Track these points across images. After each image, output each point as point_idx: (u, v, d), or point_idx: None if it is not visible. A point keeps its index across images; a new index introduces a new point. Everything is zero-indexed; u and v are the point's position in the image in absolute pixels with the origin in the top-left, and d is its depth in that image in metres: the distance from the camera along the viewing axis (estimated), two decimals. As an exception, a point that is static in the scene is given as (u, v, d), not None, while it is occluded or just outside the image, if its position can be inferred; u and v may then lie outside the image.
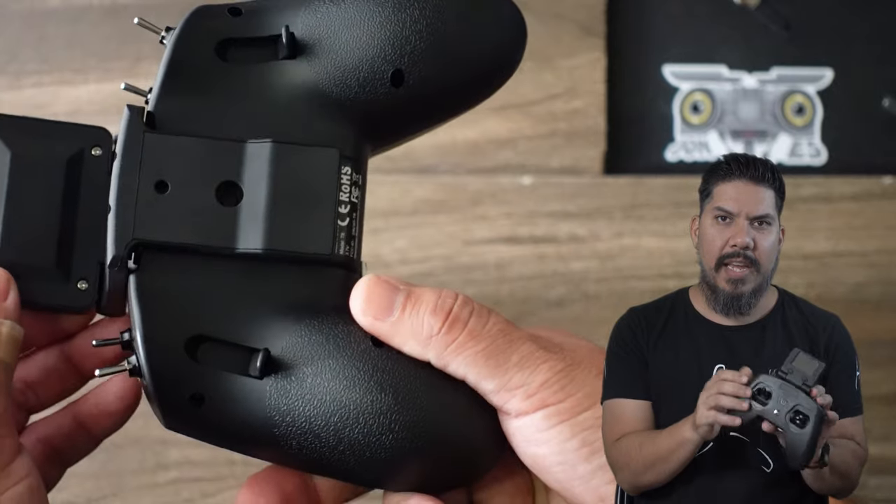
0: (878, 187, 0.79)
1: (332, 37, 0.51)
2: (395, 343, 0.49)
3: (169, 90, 0.51)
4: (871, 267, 0.77)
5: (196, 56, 0.52)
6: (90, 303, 0.52)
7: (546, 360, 0.48)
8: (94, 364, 0.54)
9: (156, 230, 0.49)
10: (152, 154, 0.50)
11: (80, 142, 0.54)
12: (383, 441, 0.48)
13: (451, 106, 0.55)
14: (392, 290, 0.49)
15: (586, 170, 0.79)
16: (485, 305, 0.49)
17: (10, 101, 0.82)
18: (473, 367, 0.48)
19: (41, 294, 0.52)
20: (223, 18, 0.52)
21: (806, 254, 0.78)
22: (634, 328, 0.47)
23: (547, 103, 0.80)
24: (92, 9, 0.83)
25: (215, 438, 0.51)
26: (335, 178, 0.51)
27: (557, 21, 0.81)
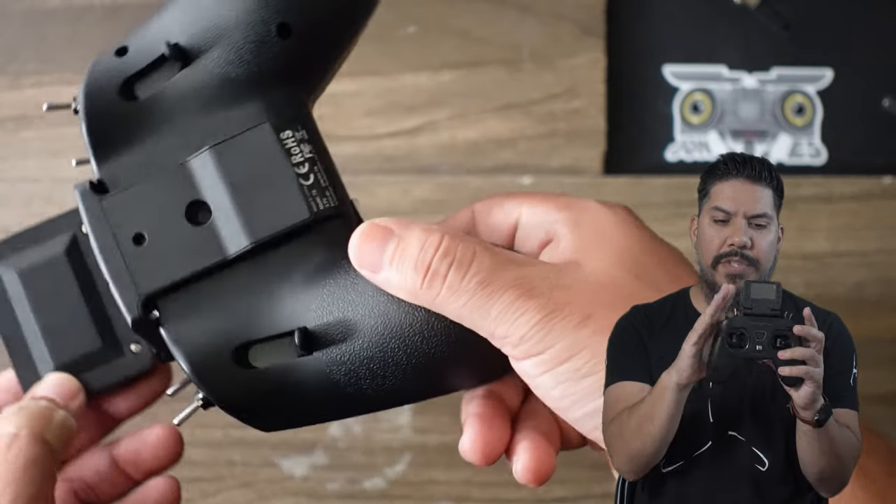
0: (878, 187, 0.79)
1: (210, 26, 0.53)
2: (393, 293, 0.49)
3: (101, 154, 0.53)
4: (871, 267, 0.77)
5: (107, 110, 0.53)
6: (150, 359, 0.56)
7: (524, 312, 0.47)
8: (141, 468, 0.56)
9: (154, 278, 0.50)
10: (116, 216, 0.51)
11: (67, 229, 0.59)
12: (426, 350, 0.50)
13: (339, 33, 0.56)
14: (382, 242, 0.48)
15: (586, 170, 0.79)
16: (470, 247, 0.48)
17: (10, 101, 0.82)
18: (459, 319, 0.48)
19: (106, 375, 0.56)
20: (113, 62, 0.54)
21: (806, 254, 0.78)
22: (636, 323, 0.47)
23: (547, 103, 0.80)
24: (92, 9, 0.83)
25: (305, 419, 0.53)
26: (279, 148, 0.52)
27: (557, 21, 0.81)
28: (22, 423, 0.49)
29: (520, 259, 0.49)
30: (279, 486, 0.79)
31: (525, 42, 0.81)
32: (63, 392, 0.53)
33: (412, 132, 0.80)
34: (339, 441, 0.79)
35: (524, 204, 0.54)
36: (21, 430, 0.49)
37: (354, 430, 0.78)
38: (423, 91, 0.81)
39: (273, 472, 0.79)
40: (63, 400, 0.53)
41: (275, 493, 0.79)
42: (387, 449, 0.78)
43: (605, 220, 0.52)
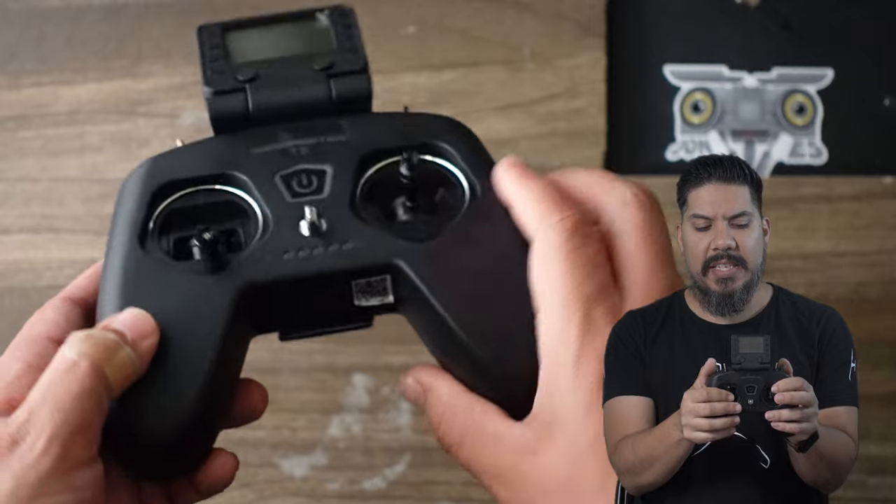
0: (878, 187, 0.78)
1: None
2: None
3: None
4: (872, 267, 0.77)
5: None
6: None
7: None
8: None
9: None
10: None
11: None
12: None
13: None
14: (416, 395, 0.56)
15: (586, 169, 0.79)
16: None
17: (9, 100, 0.82)
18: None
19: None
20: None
21: (806, 253, 0.78)
22: (632, 329, 0.47)
23: (547, 103, 0.80)
24: (92, 8, 0.83)
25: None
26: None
27: (558, 21, 0.81)
28: (84, 352, 0.49)
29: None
30: (279, 486, 0.79)
31: (525, 41, 0.81)
32: (135, 329, 0.51)
33: (412, 132, 0.80)
34: (338, 441, 0.78)
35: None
36: (81, 360, 0.48)
37: (354, 431, 0.78)
38: (424, 90, 0.80)
39: (273, 472, 0.79)
40: (133, 337, 0.51)
41: (274, 494, 0.78)
42: (387, 449, 0.78)
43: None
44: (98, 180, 0.81)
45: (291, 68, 0.58)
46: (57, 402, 0.47)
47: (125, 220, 0.55)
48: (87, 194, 0.81)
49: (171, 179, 0.56)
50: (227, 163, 0.56)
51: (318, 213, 0.53)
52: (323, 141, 0.56)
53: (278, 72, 0.58)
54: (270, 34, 0.60)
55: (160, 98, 0.82)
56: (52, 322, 0.53)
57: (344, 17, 0.60)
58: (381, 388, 0.79)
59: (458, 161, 0.57)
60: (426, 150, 0.57)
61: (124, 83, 0.82)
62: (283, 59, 0.59)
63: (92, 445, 0.48)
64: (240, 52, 0.59)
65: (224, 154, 0.56)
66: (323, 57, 0.58)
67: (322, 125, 0.57)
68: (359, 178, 0.56)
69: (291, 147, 0.56)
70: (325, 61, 0.58)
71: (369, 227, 0.54)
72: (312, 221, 0.53)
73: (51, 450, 0.46)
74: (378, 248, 0.53)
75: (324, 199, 0.54)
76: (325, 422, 0.79)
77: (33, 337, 0.52)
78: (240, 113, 0.57)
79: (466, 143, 0.58)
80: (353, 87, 0.57)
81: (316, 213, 0.53)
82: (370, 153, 0.56)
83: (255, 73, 0.57)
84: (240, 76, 0.57)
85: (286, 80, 0.57)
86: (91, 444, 0.48)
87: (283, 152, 0.56)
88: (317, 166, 0.56)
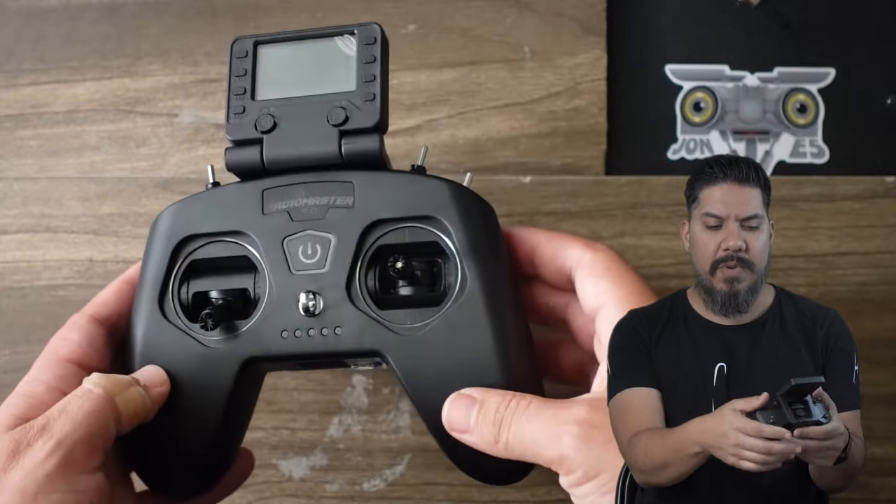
0: (880, 186, 0.78)
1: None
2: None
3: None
4: (874, 266, 0.77)
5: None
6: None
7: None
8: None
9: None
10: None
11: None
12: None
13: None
14: (467, 409, 0.58)
15: (587, 169, 0.79)
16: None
17: (8, 100, 0.82)
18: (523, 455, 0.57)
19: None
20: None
21: (808, 253, 0.78)
22: (637, 325, 0.47)
23: (548, 102, 0.80)
24: (90, 7, 0.83)
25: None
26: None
27: (558, 20, 0.80)
28: (100, 384, 0.58)
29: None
30: (278, 487, 0.78)
31: (526, 40, 0.80)
32: (148, 377, 0.61)
33: (412, 131, 0.80)
34: (338, 442, 0.78)
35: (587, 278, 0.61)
36: (96, 388, 0.58)
37: (354, 432, 0.78)
38: (424, 90, 0.80)
39: (272, 473, 0.78)
40: (145, 382, 0.60)
41: (274, 495, 0.78)
42: (386, 450, 0.78)
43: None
44: (96, 179, 0.81)
45: (307, 120, 0.62)
46: (69, 416, 0.56)
47: (150, 274, 0.63)
48: (85, 194, 0.81)
49: (191, 234, 0.63)
50: (243, 221, 0.63)
51: (314, 294, 0.60)
52: (332, 203, 0.62)
53: (294, 125, 0.62)
54: (296, 65, 0.64)
55: (159, 97, 0.82)
56: (75, 344, 0.63)
57: (370, 40, 0.63)
58: (381, 389, 0.78)
59: (455, 240, 0.61)
60: (427, 223, 0.61)
61: (123, 82, 0.82)
62: (303, 103, 0.63)
63: (93, 457, 0.56)
64: (266, 83, 0.64)
65: (241, 211, 0.63)
66: (339, 110, 0.62)
67: (333, 186, 0.62)
68: (359, 253, 0.61)
69: (303, 206, 0.62)
70: (341, 116, 0.62)
71: (359, 315, 0.60)
72: (306, 306, 0.60)
73: (56, 453, 0.55)
74: (366, 337, 0.60)
75: (324, 273, 0.61)
76: (324, 422, 0.78)
77: (56, 358, 0.62)
78: (255, 166, 0.63)
79: (469, 220, 0.62)
80: (362, 147, 0.62)
81: (311, 297, 0.60)
82: (373, 224, 0.62)
83: (274, 122, 0.62)
84: (259, 126, 0.62)
85: (300, 136, 0.62)
86: (92, 456, 0.56)
87: (295, 212, 0.62)
88: (323, 234, 0.62)
